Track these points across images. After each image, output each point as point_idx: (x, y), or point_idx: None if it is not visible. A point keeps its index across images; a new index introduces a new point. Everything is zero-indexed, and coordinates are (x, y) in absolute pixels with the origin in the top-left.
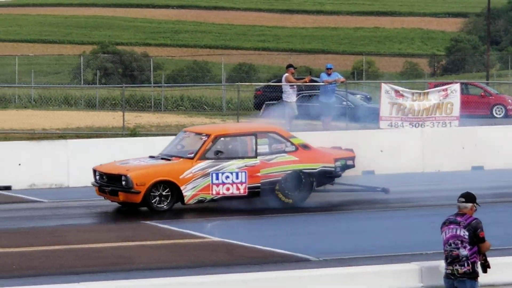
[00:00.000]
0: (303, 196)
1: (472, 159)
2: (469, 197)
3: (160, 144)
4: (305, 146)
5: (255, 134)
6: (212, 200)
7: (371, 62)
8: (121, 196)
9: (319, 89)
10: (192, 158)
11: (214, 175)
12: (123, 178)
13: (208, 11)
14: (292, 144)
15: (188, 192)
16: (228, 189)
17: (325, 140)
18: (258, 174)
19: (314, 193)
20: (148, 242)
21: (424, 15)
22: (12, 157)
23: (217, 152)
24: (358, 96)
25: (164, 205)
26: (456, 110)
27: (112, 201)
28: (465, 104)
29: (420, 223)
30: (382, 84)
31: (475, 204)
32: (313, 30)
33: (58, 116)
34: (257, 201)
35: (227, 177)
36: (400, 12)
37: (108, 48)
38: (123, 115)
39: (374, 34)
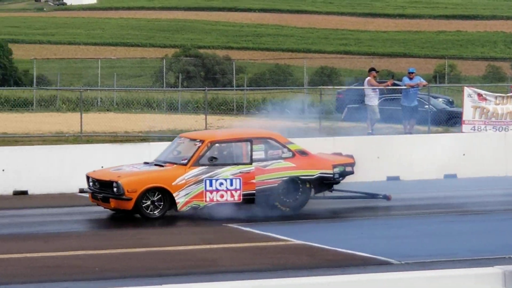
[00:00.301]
0: (300, 203)
1: None
2: None
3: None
4: (303, 152)
5: (250, 140)
6: (206, 207)
7: (453, 66)
8: (113, 203)
9: (401, 93)
10: (185, 165)
11: (207, 182)
12: (114, 184)
13: (290, 14)
14: (289, 150)
15: (181, 199)
16: (222, 196)
17: (406, 143)
18: (253, 180)
19: (312, 200)
20: (231, 245)
21: (507, 18)
22: (96, 159)
23: (211, 159)
24: (440, 99)
25: (156, 212)
26: None
27: (104, 207)
28: None
29: (502, 226)
30: (465, 87)
31: None
32: (395, 34)
33: (141, 119)
34: (253, 209)
35: (221, 183)
36: (483, 16)
37: (190, 51)
38: (205, 118)
39: (456, 38)
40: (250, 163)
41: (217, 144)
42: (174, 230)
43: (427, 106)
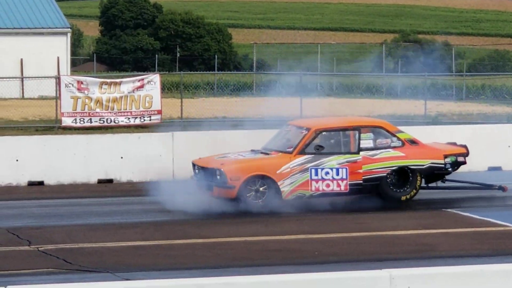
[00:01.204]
0: (410, 192)
1: None
2: None
3: (460, 132)
4: (413, 142)
5: (358, 129)
6: (312, 196)
7: None
8: (216, 191)
9: None
10: (291, 153)
11: (313, 171)
12: (217, 172)
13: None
14: (399, 139)
15: (285, 187)
16: (328, 185)
17: None
18: (360, 170)
19: (424, 190)
20: (450, 230)
21: None
22: None
23: (318, 147)
24: None
25: (260, 201)
26: None
27: (210, 195)
28: None
29: None
30: None
31: None
32: None
33: (360, 104)
34: (363, 199)
35: (327, 173)
36: None
37: (410, 36)
38: (425, 103)
39: None
40: (358, 153)
41: (324, 133)
42: (392, 215)
43: None
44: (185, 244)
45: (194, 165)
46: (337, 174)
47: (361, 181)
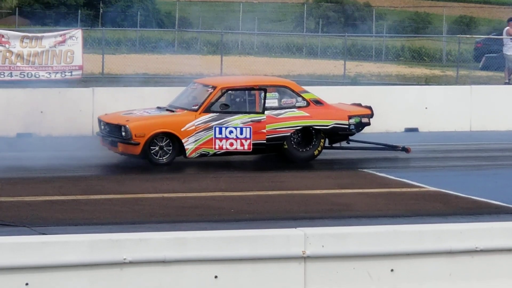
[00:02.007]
0: (312, 153)
1: None
2: None
3: (378, 93)
4: (318, 102)
5: (264, 89)
6: (215, 154)
7: None
8: (120, 147)
9: None
10: (196, 111)
11: (217, 129)
12: (122, 128)
13: None
14: (304, 99)
15: (190, 145)
16: (231, 144)
17: None
18: (264, 130)
19: (326, 149)
20: (366, 190)
21: None
22: None
23: (223, 106)
24: None
25: (164, 159)
26: None
27: (114, 152)
28: None
29: None
30: None
31: None
32: None
33: (280, 63)
34: (267, 158)
35: (231, 132)
36: None
37: None
38: (344, 63)
39: None
40: (262, 112)
41: (229, 91)
42: (309, 174)
43: None
44: (103, 199)
45: (100, 121)
46: (241, 133)
47: (265, 141)
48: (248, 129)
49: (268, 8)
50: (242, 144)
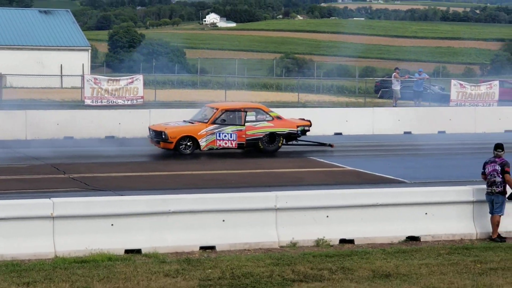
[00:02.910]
0: (276, 148)
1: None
2: (502, 147)
3: (319, 112)
4: (279, 117)
5: (246, 110)
6: (217, 149)
7: (444, 67)
8: (161, 144)
9: (413, 82)
10: (206, 123)
11: (217, 134)
12: (162, 133)
13: None
14: (270, 116)
15: (203, 143)
16: (225, 143)
17: (415, 113)
18: (244, 135)
19: (284, 145)
20: (312, 169)
21: (477, 39)
22: None
23: (222, 120)
24: (437, 87)
25: (188, 151)
26: (496, 96)
27: (158, 147)
28: (501, 93)
29: (472, 162)
30: (452, 80)
31: (504, 151)
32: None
33: (260, 95)
34: (251, 152)
35: (225, 135)
36: (464, 37)
37: (290, 55)
38: (298, 95)
39: (447, 51)
40: (243, 125)
41: (226, 111)
42: (278, 160)
43: (429, 90)
44: (156, 175)
45: (149, 128)
46: (231, 137)
47: (244, 142)
48: (234, 134)
49: (252, 62)
50: (231, 143)
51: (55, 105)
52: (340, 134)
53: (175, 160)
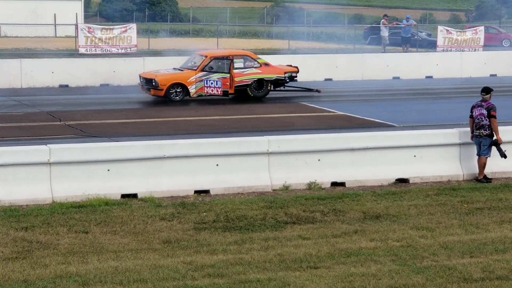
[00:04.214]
0: (265, 93)
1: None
2: (488, 90)
3: (310, 59)
4: (267, 64)
5: (232, 58)
6: (205, 95)
7: (431, 14)
8: (152, 92)
9: (401, 29)
10: (195, 70)
11: (205, 81)
12: (153, 81)
13: None
14: (258, 63)
15: (192, 90)
16: (212, 90)
17: (402, 58)
18: (227, 83)
19: (272, 91)
20: (302, 114)
21: None
22: None
23: (210, 67)
24: (424, 33)
25: (177, 98)
26: (481, 42)
27: (149, 94)
28: (486, 39)
29: (459, 106)
30: (438, 26)
31: (491, 93)
32: None
33: (251, 42)
34: (241, 97)
35: (212, 83)
36: None
37: (280, 3)
38: (289, 42)
39: None
40: (228, 72)
41: (214, 59)
42: (269, 105)
43: (416, 37)
44: (150, 121)
45: (140, 76)
46: (217, 84)
47: (229, 89)
48: (220, 82)
49: (244, 10)
50: (217, 91)
51: (50, 54)
52: (330, 80)
53: (168, 107)
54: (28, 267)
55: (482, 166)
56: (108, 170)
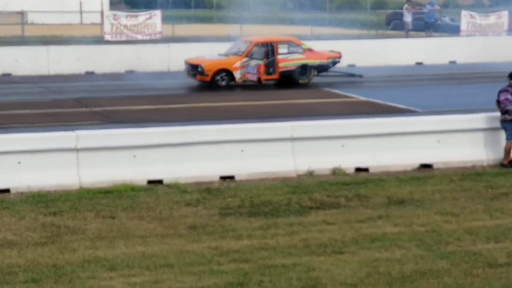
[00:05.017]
0: (309, 79)
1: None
2: None
3: (340, 44)
4: (310, 50)
5: (277, 43)
6: (249, 81)
7: None
8: (198, 77)
9: (425, 13)
10: (240, 55)
11: (246, 67)
12: (199, 67)
13: None
14: (302, 48)
15: (237, 75)
16: (251, 76)
17: (427, 44)
18: (261, 70)
19: (316, 77)
20: (326, 100)
21: None
22: None
23: (252, 53)
24: (447, 18)
25: (223, 83)
26: (505, 26)
27: (194, 80)
28: (510, 23)
29: (483, 91)
30: (462, 11)
31: None
32: None
33: (283, 29)
34: (282, 82)
35: (249, 69)
36: None
37: None
38: (311, 28)
39: None
40: (262, 59)
41: (259, 44)
42: (296, 91)
43: (439, 22)
44: (176, 108)
45: (185, 62)
46: (253, 70)
47: (262, 76)
48: (255, 68)
49: None
50: (253, 77)
51: (76, 41)
52: (353, 65)
53: (193, 93)
54: (57, 251)
55: (507, 151)
56: (134, 156)
